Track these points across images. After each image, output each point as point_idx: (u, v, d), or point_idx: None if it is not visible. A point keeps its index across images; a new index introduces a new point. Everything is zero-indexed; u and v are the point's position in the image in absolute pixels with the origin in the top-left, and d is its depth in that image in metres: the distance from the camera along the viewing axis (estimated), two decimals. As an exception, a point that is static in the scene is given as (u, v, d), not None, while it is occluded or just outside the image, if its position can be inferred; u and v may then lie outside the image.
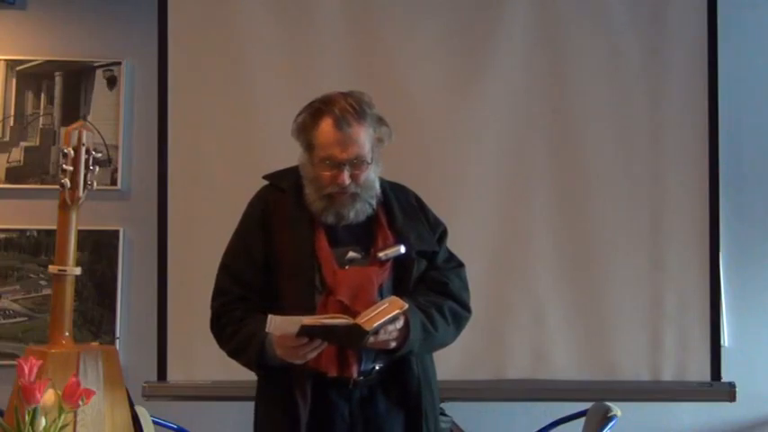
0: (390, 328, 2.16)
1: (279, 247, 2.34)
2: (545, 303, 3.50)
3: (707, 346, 3.49)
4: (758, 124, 3.84)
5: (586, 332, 3.50)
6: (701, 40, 3.56)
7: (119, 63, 3.89)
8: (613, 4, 3.59)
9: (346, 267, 2.30)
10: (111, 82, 3.89)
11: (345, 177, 2.27)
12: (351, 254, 2.31)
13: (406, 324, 2.21)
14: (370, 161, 2.30)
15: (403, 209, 2.42)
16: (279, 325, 2.12)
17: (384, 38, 3.57)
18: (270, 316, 2.10)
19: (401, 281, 2.34)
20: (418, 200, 2.50)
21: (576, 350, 3.50)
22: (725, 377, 3.49)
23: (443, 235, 2.48)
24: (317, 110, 2.31)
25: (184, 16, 3.58)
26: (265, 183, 2.48)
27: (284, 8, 3.59)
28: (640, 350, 3.50)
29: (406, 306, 2.16)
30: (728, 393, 3.46)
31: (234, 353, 2.36)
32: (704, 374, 3.49)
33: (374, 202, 2.35)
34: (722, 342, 3.58)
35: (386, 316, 2.11)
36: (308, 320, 2.09)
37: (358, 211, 2.32)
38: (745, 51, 3.81)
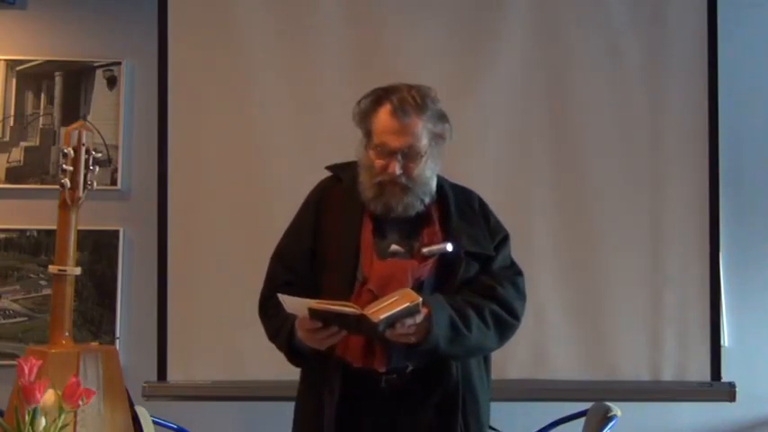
0: (409, 321, 2.10)
1: (326, 235, 2.33)
2: (545, 303, 3.49)
3: (707, 346, 3.49)
4: (758, 124, 3.84)
5: (586, 332, 3.50)
6: (701, 40, 3.56)
7: (119, 63, 3.88)
8: (613, 4, 3.59)
9: (387, 259, 2.27)
10: (111, 82, 3.89)
11: (396, 167, 2.24)
12: (393, 246, 2.28)
13: (429, 319, 2.15)
14: (423, 154, 2.27)
15: (460, 210, 2.37)
16: (290, 305, 2.12)
17: (384, 38, 3.57)
18: (279, 295, 2.10)
19: (446, 280, 2.29)
20: (482, 204, 2.46)
21: (575, 350, 3.49)
22: (725, 377, 3.49)
23: (503, 241, 2.43)
24: (379, 97, 2.30)
25: (184, 16, 3.58)
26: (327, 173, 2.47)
27: (284, 8, 3.59)
28: (640, 350, 3.49)
29: (419, 299, 2.09)
30: (728, 393, 3.46)
31: (272, 337, 2.35)
32: (704, 374, 3.49)
33: (427, 199, 2.31)
34: (722, 342, 3.58)
35: (396, 308, 2.06)
36: (314, 304, 2.08)
37: (407, 205, 2.28)
38: (745, 51, 3.80)
